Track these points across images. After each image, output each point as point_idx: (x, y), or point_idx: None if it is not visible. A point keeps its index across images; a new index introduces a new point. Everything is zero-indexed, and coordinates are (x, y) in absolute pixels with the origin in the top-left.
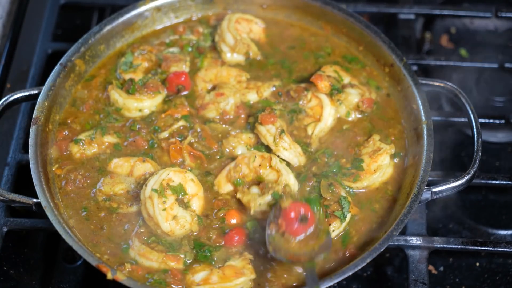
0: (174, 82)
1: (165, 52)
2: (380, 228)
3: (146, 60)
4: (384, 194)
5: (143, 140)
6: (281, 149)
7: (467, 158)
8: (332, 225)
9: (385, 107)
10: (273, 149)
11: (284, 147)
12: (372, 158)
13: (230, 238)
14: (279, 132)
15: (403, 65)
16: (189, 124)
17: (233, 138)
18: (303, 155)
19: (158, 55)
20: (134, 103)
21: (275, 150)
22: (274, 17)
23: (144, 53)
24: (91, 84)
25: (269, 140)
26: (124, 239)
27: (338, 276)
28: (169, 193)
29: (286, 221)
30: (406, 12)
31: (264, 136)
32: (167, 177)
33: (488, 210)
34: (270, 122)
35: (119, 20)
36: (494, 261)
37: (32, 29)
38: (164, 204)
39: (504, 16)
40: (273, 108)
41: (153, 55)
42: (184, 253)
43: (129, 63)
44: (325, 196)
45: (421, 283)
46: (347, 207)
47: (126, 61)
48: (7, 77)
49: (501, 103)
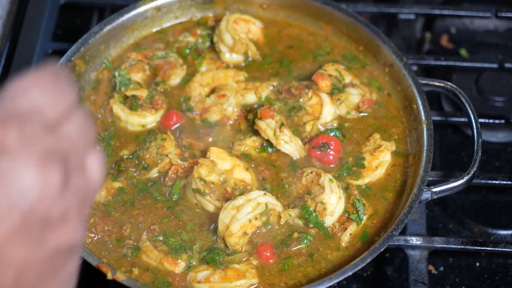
0: (168, 122)
1: (155, 59)
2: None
3: (139, 71)
4: (394, 184)
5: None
6: (281, 142)
7: (467, 158)
8: (348, 228)
9: (388, 106)
10: (274, 142)
11: (284, 140)
12: (373, 156)
13: (261, 252)
14: (279, 125)
15: (403, 65)
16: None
17: (238, 146)
18: (303, 148)
19: (150, 63)
20: (136, 119)
21: (275, 144)
22: (274, 17)
23: (134, 64)
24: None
25: (269, 134)
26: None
27: (338, 276)
28: (262, 220)
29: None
30: (406, 12)
31: (264, 130)
32: (277, 212)
33: (488, 210)
34: (270, 116)
35: (119, 20)
36: (494, 261)
37: (32, 29)
38: (255, 220)
39: (504, 16)
40: (272, 103)
41: (144, 64)
42: (188, 257)
43: (127, 80)
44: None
45: (421, 283)
46: (363, 210)
47: (123, 80)
48: (7, 77)
49: (501, 103)
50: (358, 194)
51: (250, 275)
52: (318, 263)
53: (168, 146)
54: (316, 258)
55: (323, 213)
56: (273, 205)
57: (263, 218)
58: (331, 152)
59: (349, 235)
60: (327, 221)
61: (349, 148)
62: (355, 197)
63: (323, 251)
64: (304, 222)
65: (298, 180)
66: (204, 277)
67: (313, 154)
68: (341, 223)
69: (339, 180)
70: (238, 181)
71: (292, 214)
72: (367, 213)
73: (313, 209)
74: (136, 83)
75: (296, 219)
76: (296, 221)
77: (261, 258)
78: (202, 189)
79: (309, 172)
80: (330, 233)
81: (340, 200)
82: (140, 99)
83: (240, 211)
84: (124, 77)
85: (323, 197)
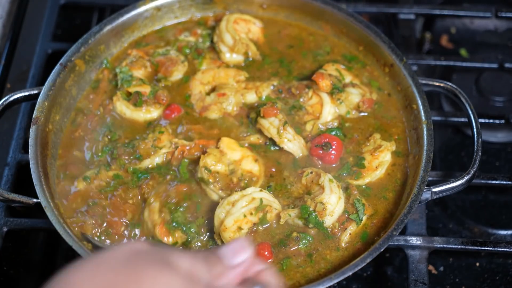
0: (170, 115)
1: (156, 55)
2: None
3: (140, 67)
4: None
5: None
6: (285, 140)
7: (467, 158)
8: (348, 228)
9: (388, 106)
10: (277, 141)
11: (288, 138)
12: (373, 156)
13: (259, 251)
14: (283, 123)
15: (403, 65)
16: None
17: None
18: (306, 146)
19: (151, 60)
20: (141, 115)
21: (279, 142)
22: (274, 17)
23: (135, 60)
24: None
25: (273, 133)
26: None
27: (338, 276)
28: (259, 216)
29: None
30: (406, 12)
31: (268, 129)
32: (273, 209)
33: (488, 210)
34: (273, 115)
35: (119, 20)
36: (494, 261)
37: (32, 29)
38: (250, 215)
39: (504, 16)
40: (274, 102)
41: (146, 61)
42: (181, 235)
43: (129, 77)
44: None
45: (421, 283)
46: (362, 210)
47: (125, 77)
48: (7, 77)
49: (501, 103)
50: (358, 194)
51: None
52: (317, 263)
53: (164, 139)
54: (315, 259)
55: (322, 213)
56: (269, 201)
57: (259, 214)
58: (332, 151)
59: (348, 235)
60: (327, 221)
61: (350, 148)
62: (355, 197)
63: (322, 251)
64: (303, 222)
65: (298, 180)
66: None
67: (315, 153)
68: (340, 223)
69: (339, 180)
70: (245, 172)
71: (292, 214)
72: (367, 213)
73: (313, 209)
74: (139, 79)
75: (296, 219)
76: (296, 221)
77: (260, 257)
78: (206, 178)
79: (309, 172)
80: (330, 233)
81: (340, 200)
82: (144, 95)
83: (235, 205)
84: (126, 73)
85: (323, 197)
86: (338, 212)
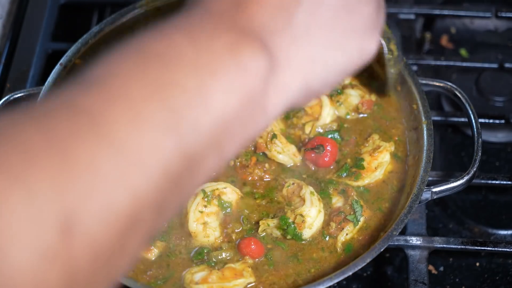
0: None
1: None
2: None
3: None
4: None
5: None
6: (275, 153)
7: (467, 158)
8: (345, 229)
9: (387, 107)
10: (268, 154)
11: (277, 150)
12: (373, 156)
13: (244, 247)
14: (270, 138)
15: (403, 65)
16: None
17: None
18: (297, 155)
19: None
20: None
21: (269, 155)
22: None
23: None
24: None
25: (262, 146)
26: None
27: (338, 276)
28: (215, 203)
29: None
30: (406, 12)
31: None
32: (223, 190)
33: (488, 210)
34: None
35: (119, 20)
36: (494, 261)
37: (32, 29)
38: (204, 208)
39: (504, 16)
40: None
41: None
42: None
43: None
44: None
45: (421, 283)
46: (360, 211)
47: None
48: (7, 77)
49: (501, 103)
50: (356, 195)
51: (248, 274)
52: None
53: None
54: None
55: (301, 226)
56: (212, 185)
57: (214, 202)
58: (326, 154)
59: (345, 235)
60: (305, 233)
61: (348, 150)
62: (353, 198)
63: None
64: (282, 232)
65: (281, 189)
66: (202, 278)
67: (308, 157)
68: (337, 223)
69: (337, 182)
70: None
71: (270, 224)
72: (365, 214)
73: (292, 220)
74: None
75: (274, 230)
76: (274, 231)
77: (248, 253)
78: None
79: (291, 183)
80: (326, 233)
81: (319, 214)
82: None
83: (189, 212)
84: None
85: (303, 209)
86: (317, 225)
